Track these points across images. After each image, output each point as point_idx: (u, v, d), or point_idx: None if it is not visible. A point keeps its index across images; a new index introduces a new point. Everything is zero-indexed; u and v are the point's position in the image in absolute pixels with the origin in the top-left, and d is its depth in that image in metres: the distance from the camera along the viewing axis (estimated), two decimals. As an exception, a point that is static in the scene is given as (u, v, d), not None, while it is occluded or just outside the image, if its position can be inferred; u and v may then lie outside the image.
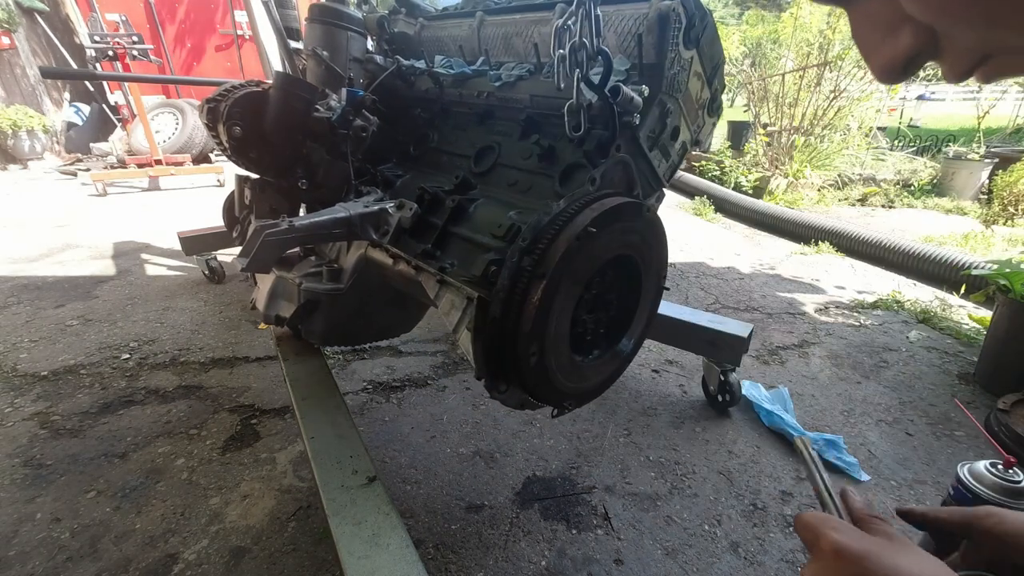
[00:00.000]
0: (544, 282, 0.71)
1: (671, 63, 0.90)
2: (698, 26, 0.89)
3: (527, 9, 1.15)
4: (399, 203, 1.03)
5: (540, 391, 0.82)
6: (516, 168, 1.05)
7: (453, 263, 0.91)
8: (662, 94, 0.91)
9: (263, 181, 1.33)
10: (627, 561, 1.15)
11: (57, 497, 1.29)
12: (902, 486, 1.39)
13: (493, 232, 0.89)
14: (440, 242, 0.97)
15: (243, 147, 1.22)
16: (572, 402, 0.88)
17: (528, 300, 0.73)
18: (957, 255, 2.74)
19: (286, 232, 0.91)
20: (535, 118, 1.05)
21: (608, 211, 0.76)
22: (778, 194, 4.59)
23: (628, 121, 0.87)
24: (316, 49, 1.29)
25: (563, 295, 0.75)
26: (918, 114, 8.56)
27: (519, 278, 0.73)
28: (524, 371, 0.77)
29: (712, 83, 1.00)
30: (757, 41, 6.17)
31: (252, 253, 0.89)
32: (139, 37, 4.80)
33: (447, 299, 0.87)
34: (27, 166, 5.98)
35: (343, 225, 0.98)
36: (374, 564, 0.79)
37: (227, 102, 1.19)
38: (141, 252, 3.09)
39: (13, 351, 1.95)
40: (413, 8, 1.47)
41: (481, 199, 1.02)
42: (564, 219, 0.74)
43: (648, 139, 0.94)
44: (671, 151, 0.99)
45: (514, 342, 0.75)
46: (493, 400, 0.87)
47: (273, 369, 1.86)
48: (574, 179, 0.93)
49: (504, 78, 1.10)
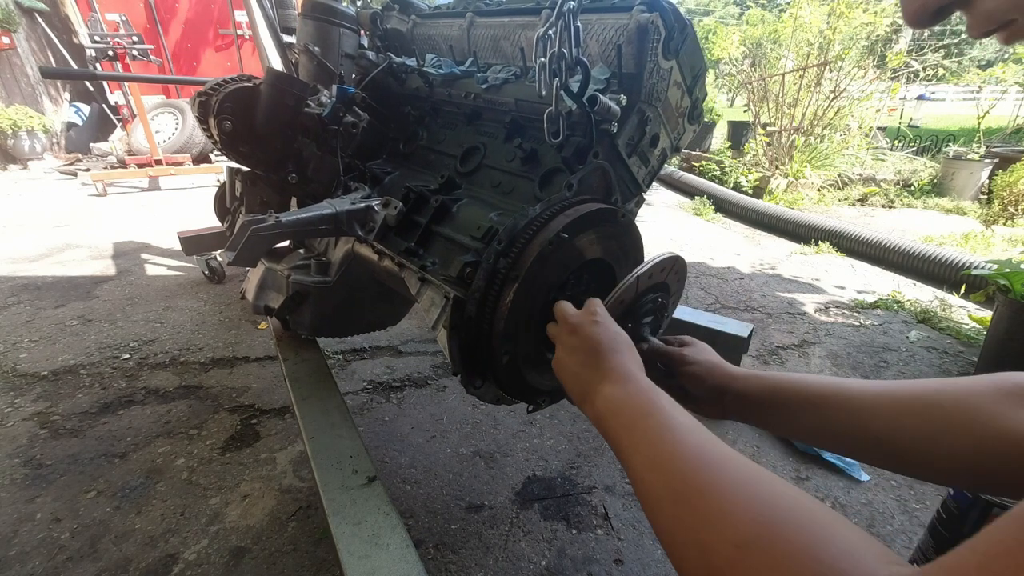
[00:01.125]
0: (516, 284, 0.73)
1: (650, 73, 0.91)
2: (677, 38, 0.91)
3: (515, 13, 1.16)
4: (385, 201, 1.04)
5: (513, 388, 0.84)
6: (500, 170, 1.06)
7: (435, 262, 0.92)
8: (641, 103, 0.93)
9: (254, 174, 1.34)
10: (627, 561, 1.15)
11: (57, 497, 1.29)
12: (902, 486, 1.39)
13: (472, 233, 0.91)
14: (423, 240, 0.99)
15: (233, 141, 1.23)
16: (546, 398, 0.90)
17: (501, 302, 0.75)
18: (957, 255, 2.74)
19: (273, 227, 0.93)
20: (519, 121, 1.06)
21: (581, 217, 0.78)
22: (778, 194, 4.59)
23: (606, 129, 0.89)
24: (308, 45, 1.29)
25: (537, 297, 0.77)
26: (918, 114, 8.57)
27: (493, 279, 0.75)
28: (497, 369, 0.79)
29: (692, 92, 1.01)
30: (757, 41, 6.17)
31: (239, 247, 0.91)
32: (139, 37, 4.80)
33: (427, 296, 0.89)
34: (27, 166, 5.99)
35: (329, 221, 1.00)
36: (374, 564, 0.79)
37: (218, 96, 1.20)
38: (141, 252, 3.09)
39: (13, 351, 1.95)
40: (407, 5, 1.47)
41: (465, 199, 1.03)
42: (539, 224, 0.76)
43: (627, 146, 0.95)
44: (650, 157, 1.01)
45: (488, 341, 0.77)
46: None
47: (273, 369, 1.86)
48: (553, 183, 0.95)
49: (491, 80, 1.10)
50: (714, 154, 5.54)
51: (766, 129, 5.01)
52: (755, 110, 5.35)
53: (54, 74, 6.59)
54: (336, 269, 1.23)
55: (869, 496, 1.35)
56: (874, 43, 5.30)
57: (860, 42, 4.89)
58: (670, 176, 5.36)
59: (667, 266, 0.81)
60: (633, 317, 0.78)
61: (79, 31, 6.40)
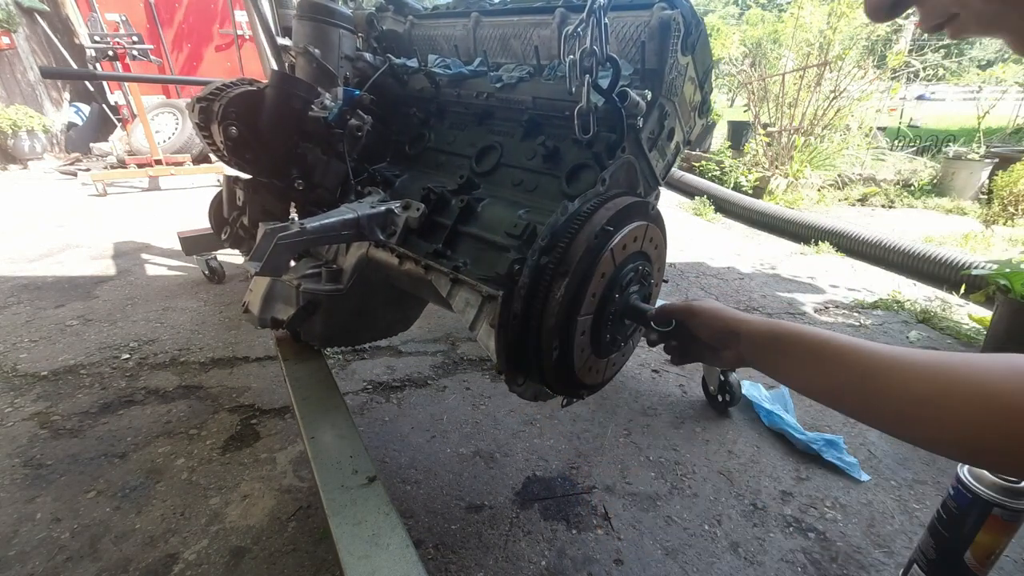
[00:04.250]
0: (567, 279, 0.75)
1: (670, 68, 0.94)
2: (694, 33, 0.94)
3: (525, 12, 1.16)
4: (405, 203, 1.03)
5: (559, 383, 0.86)
6: (520, 168, 1.06)
7: (466, 262, 0.93)
8: (661, 97, 0.95)
9: (256, 182, 1.29)
10: (627, 561, 1.15)
11: (57, 497, 1.29)
12: (902, 486, 1.39)
13: (508, 231, 0.91)
14: (450, 242, 0.99)
15: (239, 148, 1.19)
16: (586, 391, 0.92)
17: (551, 296, 0.76)
18: (957, 255, 2.74)
19: (298, 235, 0.90)
20: (537, 119, 1.07)
21: (622, 210, 0.80)
22: (778, 194, 4.59)
23: (632, 123, 0.91)
24: (308, 47, 1.28)
25: (589, 290, 0.79)
26: (918, 114, 8.56)
27: (541, 275, 0.76)
28: (545, 365, 0.81)
29: (703, 86, 1.04)
30: (757, 41, 6.17)
31: (265, 257, 0.86)
32: (139, 37, 4.80)
33: (461, 297, 0.89)
34: (27, 166, 5.98)
35: (352, 227, 0.98)
36: (374, 564, 0.79)
37: (221, 101, 1.16)
38: (141, 252, 3.09)
39: (13, 351, 1.95)
40: (402, 6, 1.47)
41: (487, 199, 1.03)
42: (582, 218, 0.78)
43: (648, 140, 0.98)
44: (667, 151, 1.04)
45: (537, 337, 0.79)
46: (493, 400, 0.89)
47: (273, 369, 1.86)
48: (581, 179, 0.96)
49: (505, 79, 1.10)
50: (714, 154, 5.54)
51: (766, 129, 5.01)
52: (755, 110, 5.35)
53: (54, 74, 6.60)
54: (348, 276, 1.20)
55: (869, 496, 1.35)
56: (874, 43, 5.30)
57: (860, 42, 4.89)
58: (670, 176, 5.35)
59: (638, 234, 0.84)
60: (618, 287, 0.82)
61: (79, 31, 6.40)
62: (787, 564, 1.15)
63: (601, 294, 0.81)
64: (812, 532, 1.24)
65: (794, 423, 1.55)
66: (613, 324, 0.86)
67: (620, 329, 0.88)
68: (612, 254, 0.79)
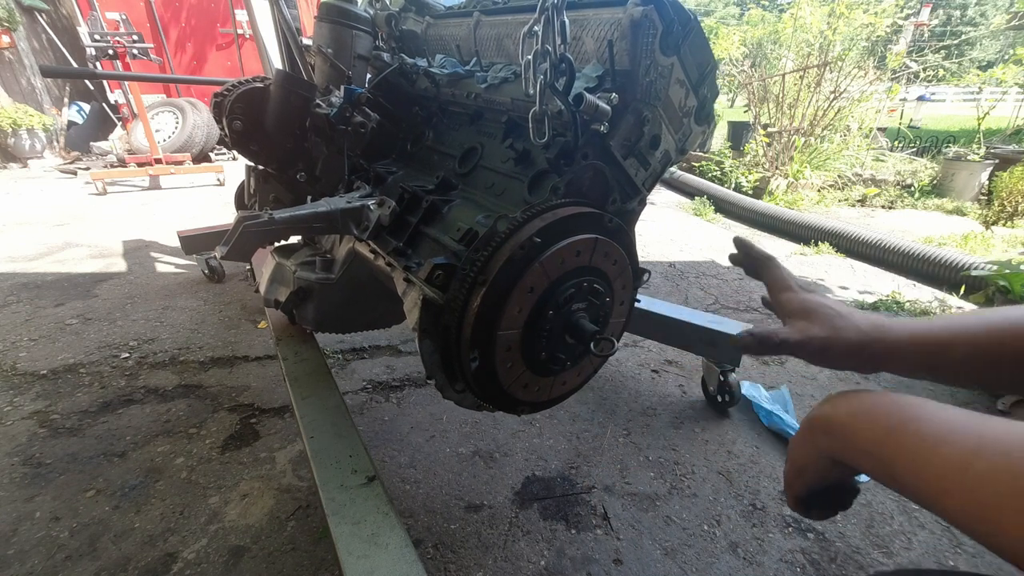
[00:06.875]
0: (484, 289, 0.72)
1: (646, 70, 0.86)
2: (677, 32, 0.85)
3: (518, 11, 1.14)
4: (380, 200, 1.05)
5: (486, 395, 0.83)
6: (494, 171, 1.05)
7: (420, 262, 0.91)
8: (637, 102, 0.88)
9: (265, 172, 1.40)
10: (626, 561, 1.15)
11: (56, 496, 1.29)
12: (901, 487, 1.38)
13: (452, 235, 0.90)
14: (412, 241, 0.99)
15: (244, 140, 1.31)
16: (526, 408, 0.89)
17: (469, 306, 0.73)
18: (957, 256, 2.74)
19: (266, 224, 0.94)
20: (516, 121, 1.04)
21: (561, 220, 0.75)
22: (778, 195, 4.59)
23: (596, 129, 0.85)
24: (320, 47, 1.31)
25: (512, 303, 0.75)
26: (918, 115, 8.55)
27: (464, 283, 0.74)
28: (467, 375, 0.78)
29: (699, 90, 0.95)
30: (758, 41, 6.17)
31: (231, 242, 0.92)
32: (139, 36, 4.80)
33: (411, 297, 0.88)
34: (27, 165, 5.98)
35: (324, 219, 1.01)
36: (373, 563, 0.79)
37: (230, 97, 1.26)
38: (141, 251, 3.09)
39: (12, 349, 1.95)
40: (423, 7, 1.47)
41: (458, 200, 1.02)
42: (512, 227, 0.74)
43: (623, 147, 0.91)
44: (650, 159, 0.95)
45: (457, 346, 0.77)
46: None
47: (272, 368, 1.86)
48: (542, 186, 0.92)
49: (490, 80, 1.09)
50: (714, 154, 5.53)
51: (766, 130, 5.01)
52: (755, 110, 5.35)
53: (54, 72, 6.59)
54: (340, 266, 1.24)
55: (868, 496, 1.35)
56: (874, 44, 5.30)
57: (860, 43, 4.89)
58: (670, 176, 5.35)
59: (583, 247, 0.77)
60: (555, 304, 0.77)
61: (79, 30, 6.40)
62: (786, 564, 1.15)
63: (530, 309, 0.76)
64: (811, 532, 1.24)
65: (794, 423, 1.55)
66: (550, 342, 0.80)
67: (562, 347, 0.82)
68: (543, 267, 0.74)
